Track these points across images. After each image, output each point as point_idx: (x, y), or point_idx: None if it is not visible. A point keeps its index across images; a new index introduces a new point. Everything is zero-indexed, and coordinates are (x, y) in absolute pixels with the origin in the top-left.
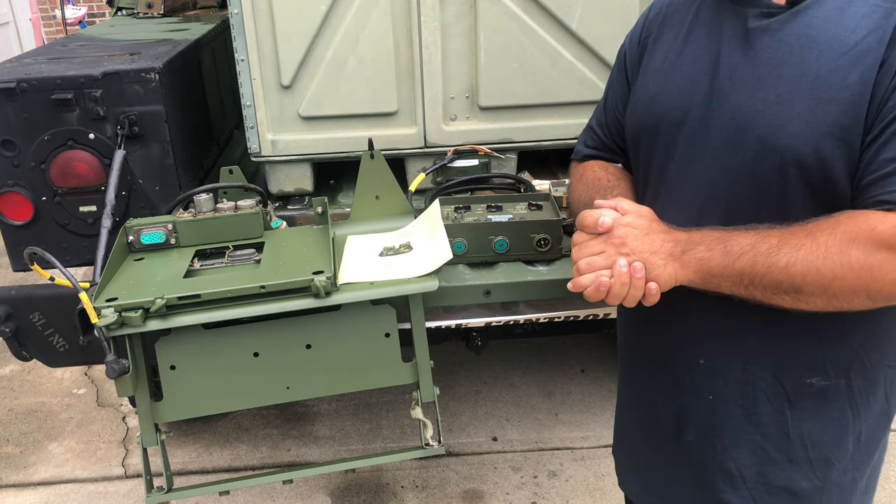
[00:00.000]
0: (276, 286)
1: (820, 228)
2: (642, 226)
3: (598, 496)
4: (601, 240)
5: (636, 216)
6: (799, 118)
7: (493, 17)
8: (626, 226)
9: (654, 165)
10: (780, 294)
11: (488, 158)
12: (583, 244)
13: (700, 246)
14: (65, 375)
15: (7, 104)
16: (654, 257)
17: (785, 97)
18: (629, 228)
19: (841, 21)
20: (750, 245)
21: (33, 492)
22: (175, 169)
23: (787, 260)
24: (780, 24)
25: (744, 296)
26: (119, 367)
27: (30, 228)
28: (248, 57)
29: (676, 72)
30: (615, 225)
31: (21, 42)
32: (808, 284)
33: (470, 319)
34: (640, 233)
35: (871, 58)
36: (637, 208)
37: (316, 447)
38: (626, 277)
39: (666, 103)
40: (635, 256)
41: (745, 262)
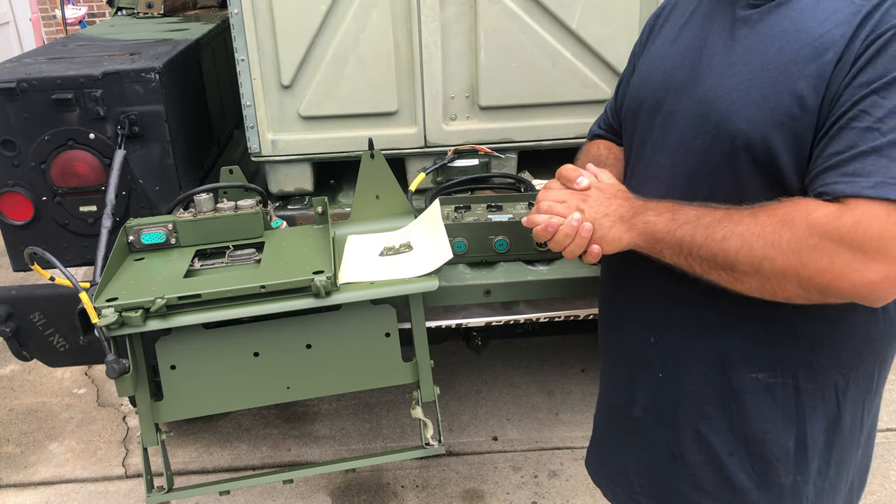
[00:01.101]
0: (276, 286)
1: (763, 210)
2: (608, 189)
3: (598, 496)
4: (569, 192)
5: (608, 184)
6: (753, 105)
7: (493, 16)
8: (595, 187)
9: (635, 145)
10: (717, 269)
11: (488, 158)
12: (552, 189)
13: (650, 212)
14: (65, 375)
15: (7, 104)
16: (605, 219)
17: (745, 85)
18: (597, 190)
19: (814, 13)
20: (695, 216)
21: (33, 492)
22: (175, 169)
23: (724, 233)
24: (760, 16)
25: (683, 267)
26: (119, 366)
27: (30, 228)
28: (248, 57)
29: (666, 57)
30: (591, 184)
31: (21, 42)
32: (741, 262)
33: (470, 319)
34: (604, 196)
35: (832, 52)
36: (614, 181)
37: (316, 447)
38: (573, 231)
39: (650, 86)
40: (590, 214)
41: (686, 231)
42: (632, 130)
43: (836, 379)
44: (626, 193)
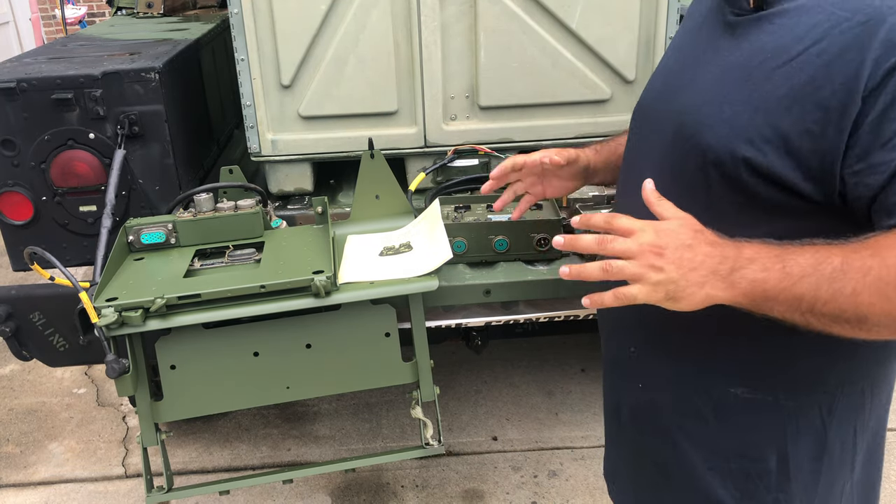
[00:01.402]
0: (276, 286)
1: (886, 247)
2: (686, 235)
3: (597, 495)
4: (636, 239)
5: (679, 223)
6: (724, 122)
7: (493, 16)
8: (668, 232)
9: (628, 149)
10: (841, 323)
11: (488, 158)
12: (615, 239)
13: (754, 265)
14: (65, 375)
15: (7, 104)
16: (692, 274)
17: (719, 99)
18: (672, 237)
19: (794, 29)
20: (811, 266)
21: (33, 491)
22: (175, 169)
23: (854, 287)
24: (744, 27)
25: (796, 322)
26: (119, 366)
27: (30, 228)
28: (248, 57)
29: (668, 63)
30: (657, 230)
31: (21, 42)
32: (876, 314)
33: (470, 319)
34: (683, 243)
35: (805, 74)
36: (680, 215)
37: (316, 447)
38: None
39: (650, 93)
40: (671, 272)
41: (806, 287)
42: (629, 135)
43: (820, 398)
44: (706, 235)
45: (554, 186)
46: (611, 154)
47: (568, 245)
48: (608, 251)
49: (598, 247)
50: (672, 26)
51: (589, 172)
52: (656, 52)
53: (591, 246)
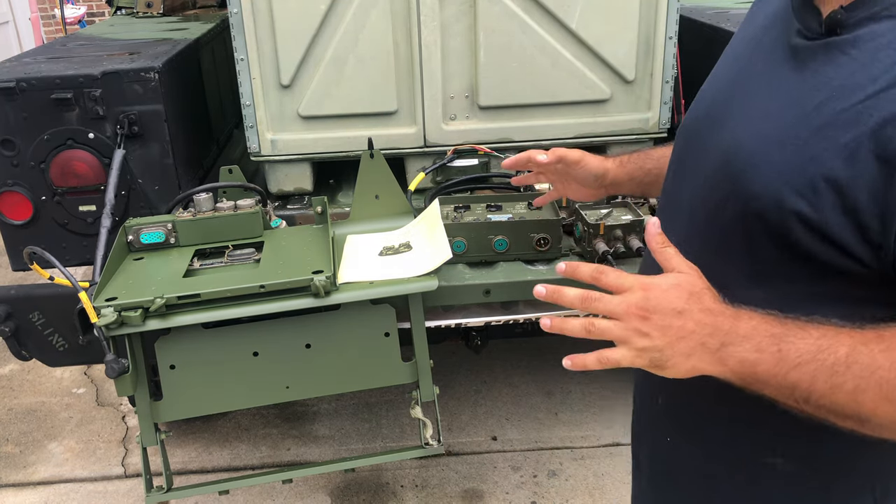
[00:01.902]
0: (275, 286)
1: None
2: (678, 299)
3: (597, 496)
4: (624, 300)
5: (674, 283)
6: (774, 167)
7: (493, 16)
8: (659, 293)
9: (671, 169)
10: (840, 418)
11: (488, 158)
12: (601, 297)
13: (747, 343)
14: (64, 375)
15: (6, 103)
16: (679, 344)
17: (770, 138)
18: (662, 300)
19: (868, 66)
20: (811, 353)
21: (33, 491)
22: (175, 168)
23: (857, 384)
24: (809, 52)
25: (789, 406)
26: (119, 366)
27: (29, 228)
28: (248, 56)
29: (719, 77)
30: (646, 290)
31: (20, 41)
32: (879, 416)
33: (470, 319)
34: (673, 309)
35: (874, 121)
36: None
37: (316, 447)
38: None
39: (697, 110)
40: (657, 339)
41: (802, 375)
42: (672, 156)
43: (875, 485)
44: (702, 300)
45: (572, 189)
46: (637, 168)
47: (549, 296)
48: (592, 310)
49: (581, 304)
50: (672, 26)
51: (608, 183)
52: (656, 52)
53: (574, 302)
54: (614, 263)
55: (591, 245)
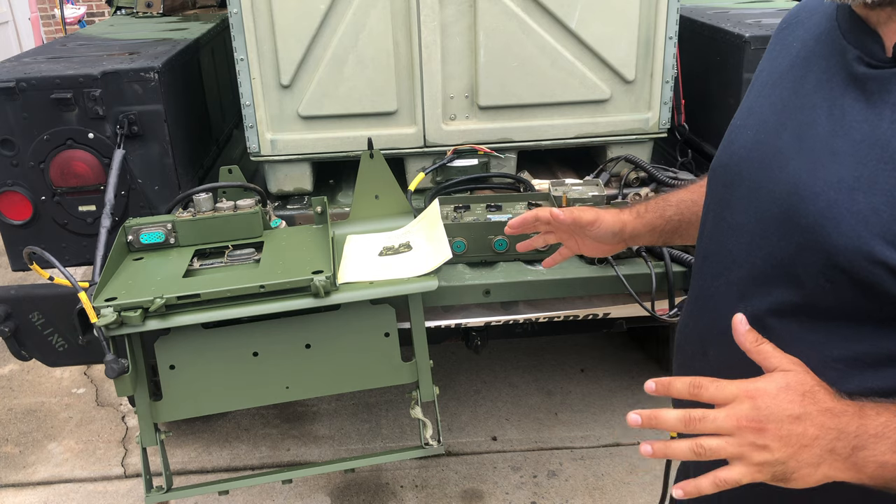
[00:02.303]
0: (275, 286)
1: None
2: (791, 403)
3: (597, 496)
4: (731, 413)
5: (782, 384)
6: (857, 216)
7: (493, 16)
8: (769, 400)
9: (710, 217)
10: None
11: (488, 158)
12: (704, 417)
13: (882, 444)
14: (64, 375)
15: (6, 103)
16: (804, 453)
17: (850, 183)
18: (774, 407)
19: None
20: None
21: (32, 491)
22: (174, 168)
23: None
24: (881, 85)
25: None
26: (118, 366)
27: (29, 228)
28: (248, 56)
29: (756, 112)
30: (754, 398)
31: (20, 41)
32: None
33: (469, 319)
34: (789, 415)
35: None
36: (786, 366)
37: (315, 447)
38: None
39: (734, 150)
40: (778, 452)
41: None
42: (709, 199)
43: None
44: (817, 399)
45: (587, 246)
46: (657, 218)
47: (647, 423)
48: (698, 431)
49: (686, 428)
50: (672, 26)
51: (626, 236)
52: (656, 52)
53: (676, 426)
54: (614, 263)
55: None
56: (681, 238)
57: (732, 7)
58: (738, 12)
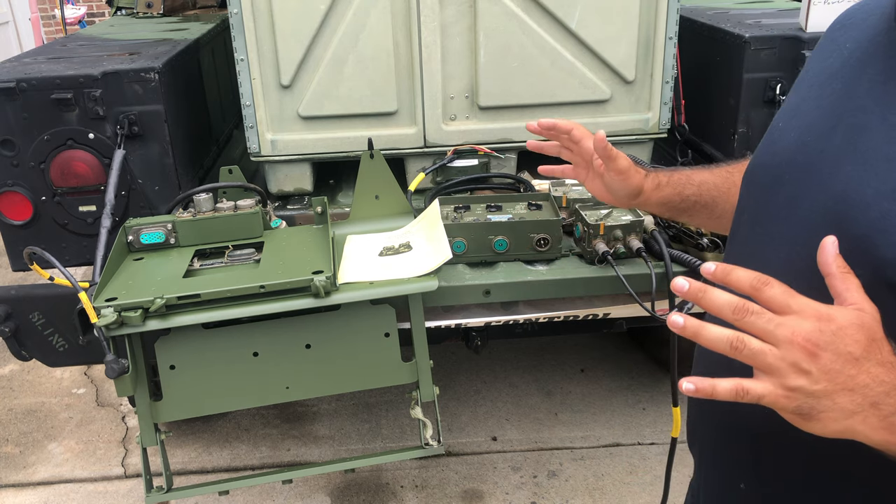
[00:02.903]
0: (275, 286)
1: None
2: (856, 343)
3: (597, 496)
4: (791, 324)
5: (855, 320)
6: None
7: (493, 16)
8: (836, 328)
9: (744, 220)
10: None
11: (488, 158)
12: (762, 312)
13: None
14: (64, 375)
15: (7, 104)
16: (843, 397)
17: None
18: (838, 336)
19: None
20: None
21: (33, 492)
22: (175, 169)
23: None
24: None
25: None
26: (118, 366)
27: (29, 228)
28: (248, 56)
29: (801, 113)
30: (821, 320)
31: (20, 41)
32: None
33: (470, 319)
34: (850, 352)
35: None
36: (863, 305)
37: (315, 447)
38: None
39: (776, 152)
40: (820, 383)
41: None
42: (744, 200)
43: None
44: (883, 345)
45: (595, 185)
46: (674, 195)
47: (692, 294)
48: (746, 326)
49: (734, 314)
50: (672, 26)
51: (637, 201)
52: (656, 52)
53: (723, 309)
54: (614, 264)
55: (591, 245)
56: (689, 218)
57: (732, 7)
58: (738, 12)
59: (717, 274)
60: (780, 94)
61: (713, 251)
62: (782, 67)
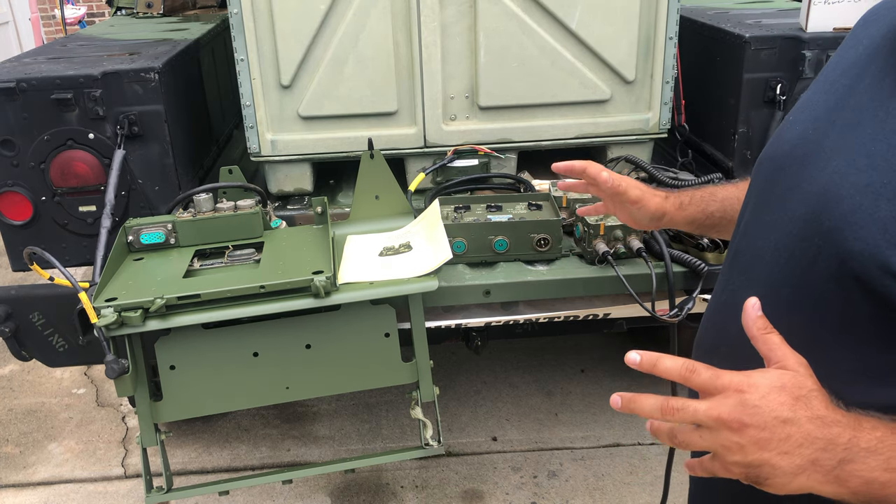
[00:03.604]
0: (275, 286)
1: None
2: (782, 405)
3: (597, 496)
4: (714, 406)
5: (776, 385)
6: (879, 223)
7: (493, 16)
8: (757, 398)
9: (747, 213)
10: None
11: (488, 158)
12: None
13: (873, 459)
14: (64, 375)
15: (7, 104)
16: (783, 461)
17: (877, 188)
18: (760, 406)
19: None
20: None
21: (33, 492)
22: (175, 169)
23: None
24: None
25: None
26: (119, 367)
27: (29, 228)
28: (248, 57)
29: (810, 107)
30: (742, 394)
31: (21, 42)
32: None
33: (470, 319)
34: (776, 417)
35: None
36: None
37: (316, 447)
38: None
39: (781, 144)
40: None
41: None
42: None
43: None
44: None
45: (623, 215)
46: (698, 212)
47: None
48: (676, 421)
49: (662, 416)
50: (672, 26)
51: (663, 223)
52: (656, 52)
53: (652, 413)
54: (614, 264)
55: (591, 245)
56: (717, 233)
57: (732, 7)
58: (738, 12)
59: (644, 365)
60: (780, 94)
61: (713, 251)
62: (782, 67)
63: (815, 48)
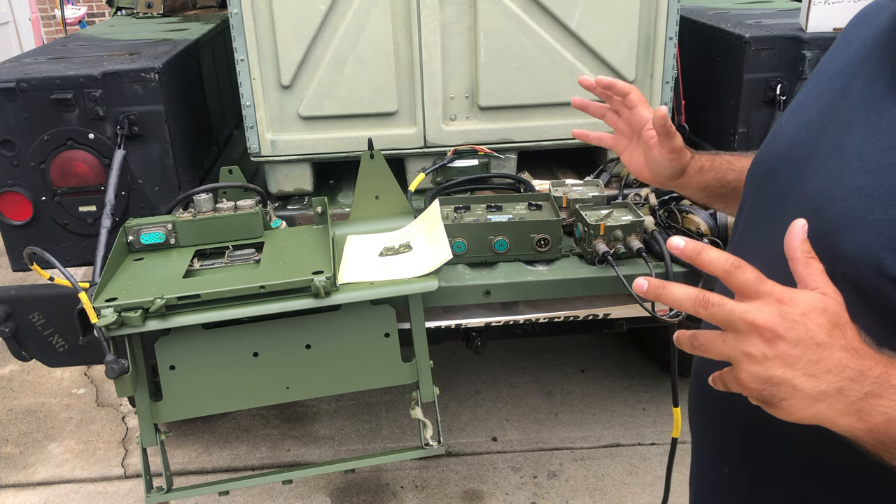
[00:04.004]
0: (275, 286)
1: None
2: (820, 327)
3: (597, 496)
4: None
5: (819, 307)
6: (871, 226)
7: (493, 16)
8: (798, 314)
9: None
10: None
11: (488, 158)
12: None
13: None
14: (64, 375)
15: (7, 104)
16: (807, 384)
17: (869, 191)
18: (798, 321)
19: None
20: None
21: (33, 492)
22: (175, 169)
23: None
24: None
25: None
26: (119, 367)
27: (29, 228)
28: (248, 57)
29: (804, 108)
30: (783, 306)
31: (21, 42)
32: None
33: (470, 319)
34: (811, 338)
35: None
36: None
37: (316, 447)
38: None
39: (775, 147)
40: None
41: None
42: (745, 193)
43: None
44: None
45: (636, 159)
46: (715, 180)
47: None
48: (707, 317)
49: (693, 307)
50: (672, 27)
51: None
52: (656, 52)
53: (683, 303)
54: (614, 264)
55: (591, 246)
56: (724, 205)
57: (732, 7)
58: (738, 12)
59: (687, 251)
60: (780, 94)
61: None
62: (782, 68)
63: (815, 48)
